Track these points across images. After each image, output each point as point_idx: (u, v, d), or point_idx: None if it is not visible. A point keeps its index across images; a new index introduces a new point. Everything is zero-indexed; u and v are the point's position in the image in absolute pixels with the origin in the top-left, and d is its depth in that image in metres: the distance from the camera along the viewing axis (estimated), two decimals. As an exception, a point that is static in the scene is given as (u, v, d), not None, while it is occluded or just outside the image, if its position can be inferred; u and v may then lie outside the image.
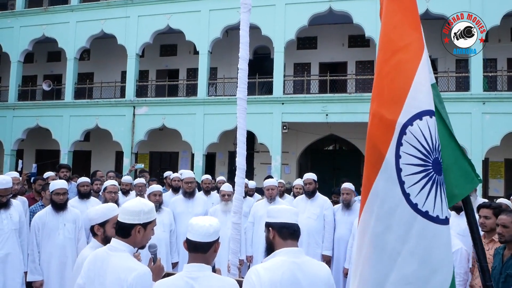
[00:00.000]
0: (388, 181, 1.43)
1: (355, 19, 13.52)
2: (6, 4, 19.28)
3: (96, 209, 2.72)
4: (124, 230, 2.27)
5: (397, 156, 1.47)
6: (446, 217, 1.55)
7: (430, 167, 1.50)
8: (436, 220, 1.48)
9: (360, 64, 16.35)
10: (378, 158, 1.43)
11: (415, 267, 1.42)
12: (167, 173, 8.16)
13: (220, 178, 7.24)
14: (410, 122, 1.50)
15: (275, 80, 14.30)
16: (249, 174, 15.32)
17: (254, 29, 12.96)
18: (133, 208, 2.29)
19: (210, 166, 16.54)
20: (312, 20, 14.05)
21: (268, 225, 2.31)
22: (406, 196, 1.45)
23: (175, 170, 13.82)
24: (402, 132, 1.49)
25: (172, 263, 5.22)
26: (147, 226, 2.31)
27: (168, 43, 18.15)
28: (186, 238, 2.18)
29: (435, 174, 1.51)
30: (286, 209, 2.37)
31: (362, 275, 1.42)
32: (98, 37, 16.77)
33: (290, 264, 2.15)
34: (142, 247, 2.35)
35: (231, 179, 10.22)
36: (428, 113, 1.52)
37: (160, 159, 18.41)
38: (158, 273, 2.40)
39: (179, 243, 5.34)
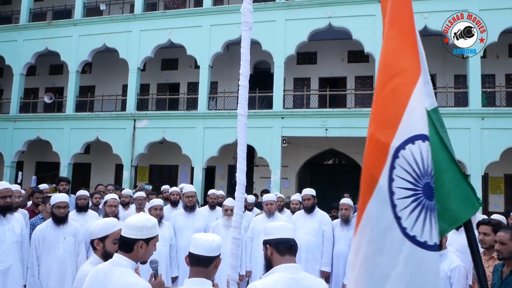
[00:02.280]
0: (381, 204, 1.46)
1: (354, 35, 13.68)
2: (11, 18, 19.52)
3: (97, 224, 2.73)
4: (127, 245, 2.29)
5: (390, 179, 1.49)
6: (435, 243, 1.53)
7: (421, 192, 1.51)
8: (424, 245, 1.48)
9: (360, 79, 16.49)
10: (372, 181, 1.46)
11: None
12: (165, 187, 8.17)
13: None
14: (403, 145, 1.52)
15: (275, 95, 14.40)
16: (249, 188, 15.32)
17: (255, 44, 13.10)
18: (136, 223, 2.32)
19: (209, 179, 16.55)
20: (312, 35, 14.21)
21: (265, 242, 2.35)
22: (398, 219, 1.46)
23: (174, 183, 13.83)
24: (395, 155, 1.52)
25: (171, 278, 5.21)
26: (150, 241, 2.33)
27: (169, 57, 18.33)
28: (189, 252, 2.20)
29: (425, 199, 1.51)
30: (282, 225, 2.43)
31: None
32: (100, 51, 16.95)
33: (288, 280, 2.17)
34: (144, 262, 2.37)
35: (230, 193, 10.27)
36: (421, 137, 1.54)
37: (160, 172, 18.43)
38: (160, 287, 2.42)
39: (179, 257, 5.34)
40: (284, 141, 14.30)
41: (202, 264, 2.15)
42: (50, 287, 4.23)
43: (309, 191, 5.63)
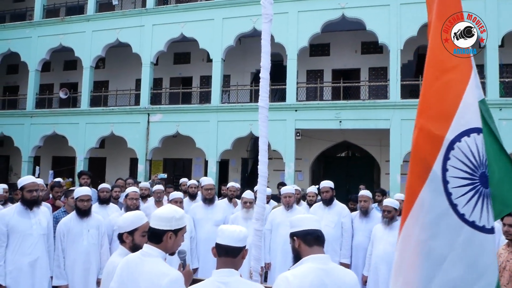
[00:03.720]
0: (435, 192, 1.51)
1: (368, 25, 13.55)
2: (25, 15, 19.72)
3: (125, 217, 2.77)
4: (156, 236, 2.33)
5: (444, 169, 1.58)
6: (492, 227, 1.67)
7: (477, 181, 1.63)
8: (482, 229, 1.62)
9: (373, 71, 16.35)
10: (425, 170, 1.51)
11: (461, 272, 1.54)
12: (183, 180, 8.24)
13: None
14: (458, 138, 1.62)
15: (288, 87, 14.36)
16: (262, 181, 15.28)
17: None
18: (165, 214, 2.35)
19: (223, 173, 16.62)
20: (325, 27, 14.11)
21: (292, 235, 2.36)
22: (454, 206, 1.56)
23: (188, 177, 13.92)
24: (450, 147, 1.60)
25: (192, 269, 5.26)
26: (178, 232, 2.37)
27: (182, 51, 18.37)
28: (216, 243, 2.23)
29: (481, 187, 1.63)
30: (308, 217, 2.45)
31: (405, 278, 1.50)
32: (113, 46, 17.05)
33: (318, 271, 2.19)
34: (172, 253, 2.41)
35: (243, 186, 10.31)
36: (476, 130, 1.65)
37: (174, 166, 18.56)
38: (188, 278, 2.46)
39: (199, 249, 5.40)
40: (298, 134, 14.28)
41: (230, 254, 2.19)
42: (75, 278, 4.32)
43: (328, 183, 5.63)
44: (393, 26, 13.14)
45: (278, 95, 15.35)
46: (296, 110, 14.24)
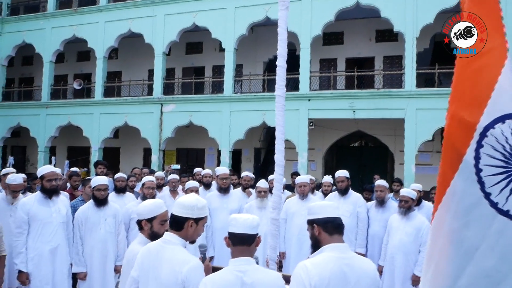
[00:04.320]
0: (467, 181, 1.48)
1: (383, 13, 13.33)
2: (38, 6, 19.84)
3: (145, 205, 2.79)
4: (177, 223, 2.35)
5: (477, 157, 1.53)
6: None
7: None
8: None
9: (388, 59, 16.13)
10: (457, 158, 1.47)
11: (494, 262, 1.49)
12: (197, 170, 8.28)
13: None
14: (491, 125, 1.56)
15: (301, 77, 14.26)
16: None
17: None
18: (188, 202, 2.37)
19: (236, 162, 16.65)
20: (338, 15, 13.92)
21: (311, 222, 2.32)
22: (487, 195, 1.52)
23: (201, 166, 13.98)
24: (483, 134, 1.55)
25: (208, 257, 5.30)
26: (199, 221, 2.39)
27: (194, 41, 18.33)
28: (229, 232, 2.23)
29: None
30: (328, 205, 2.42)
31: (437, 267, 1.48)
32: (126, 36, 17.08)
33: (337, 260, 2.17)
34: (192, 242, 2.42)
35: (256, 176, 10.28)
36: (511, 116, 1.58)
37: (187, 155, 18.65)
38: (207, 272, 2.47)
39: (214, 238, 5.43)
40: (311, 124, 14.21)
41: (246, 242, 2.19)
42: (93, 265, 4.39)
43: (343, 173, 5.60)
44: (408, 13, 12.91)
45: (291, 84, 15.26)
46: (309, 100, 14.15)
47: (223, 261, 5.11)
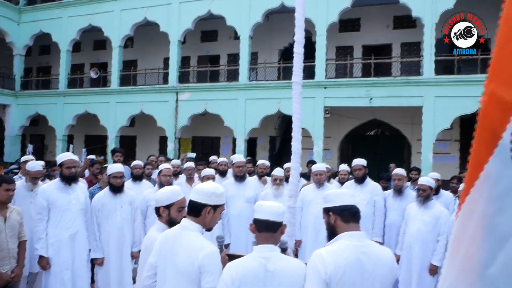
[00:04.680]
0: (503, 163, 1.40)
1: (401, -2, 13.06)
2: (55, -5, 19.99)
3: (163, 192, 2.80)
4: (195, 209, 2.35)
5: None
6: None
7: None
8: None
9: (406, 46, 15.83)
10: (493, 140, 1.39)
11: None
12: (213, 158, 8.29)
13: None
14: None
15: (317, 64, 14.12)
16: (290, 160, 15.19)
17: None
18: (206, 189, 2.37)
19: (251, 151, 16.66)
20: (355, 1, 13.68)
21: (327, 210, 2.28)
22: None
23: (216, 155, 14.01)
24: None
25: (224, 245, 5.33)
26: (217, 208, 2.38)
27: (209, 29, 18.26)
28: (254, 219, 2.22)
29: None
30: (344, 192, 2.38)
31: (467, 253, 1.41)
32: (141, 25, 17.12)
33: (354, 248, 2.14)
34: (209, 229, 2.42)
35: (271, 164, 10.26)
36: None
37: (202, 144, 18.72)
38: (223, 263, 2.47)
39: (230, 225, 5.46)
40: (327, 112, 14.09)
41: (270, 229, 2.17)
42: (110, 251, 4.45)
43: (360, 161, 5.54)
44: (429, -1, 12.62)
45: (306, 72, 15.09)
46: (325, 88, 14.01)
47: (239, 249, 5.14)
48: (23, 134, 19.90)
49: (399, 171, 5.41)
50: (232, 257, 2.75)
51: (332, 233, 2.27)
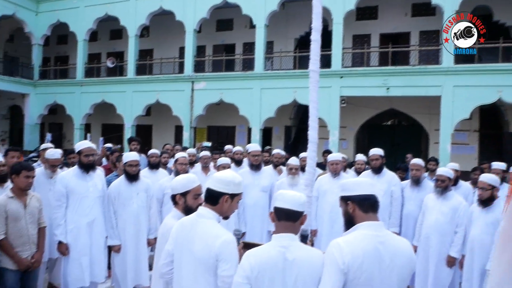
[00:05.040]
0: None
1: (420, -14, 12.78)
2: (71, -15, 20.11)
3: (179, 179, 2.81)
4: (213, 198, 2.35)
5: None
6: None
7: None
8: None
9: (424, 34, 15.50)
10: None
11: None
12: (228, 147, 8.30)
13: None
14: None
15: (334, 53, 13.95)
16: (306, 149, 15.07)
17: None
18: (224, 177, 2.37)
19: (266, 140, 16.64)
20: (373, -12, 13.45)
21: (346, 198, 2.23)
22: None
23: (232, 144, 14.02)
24: None
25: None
26: (235, 197, 2.37)
27: (225, 17, 18.18)
28: (275, 207, 2.20)
29: None
30: (364, 181, 2.30)
31: None
32: (157, 14, 17.12)
33: (371, 238, 2.11)
34: (226, 218, 2.41)
35: (286, 154, 10.23)
36: None
37: (218, 133, 18.76)
38: (239, 257, 2.47)
39: (246, 214, 5.47)
40: (343, 101, 13.95)
41: (290, 218, 2.15)
42: (127, 238, 4.50)
43: (377, 151, 5.47)
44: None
45: (322, 61, 14.90)
46: (341, 77, 13.86)
47: (254, 238, 5.15)
48: (41, 123, 20.24)
49: (417, 161, 5.33)
50: (248, 245, 2.75)
51: (349, 222, 2.23)
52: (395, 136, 16.73)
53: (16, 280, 3.72)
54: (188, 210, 2.73)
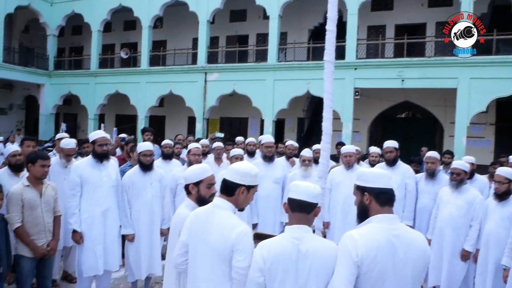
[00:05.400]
0: None
1: (437, -25, 12.52)
2: (86, -25, 20.18)
3: (191, 169, 2.80)
4: (229, 189, 2.34)
5: None
6: None
7: None
8: None
9: (441, 26, 15.12)
10: None
11: None
12: (238, 139, 8.31)
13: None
14: None
15: (348, 44, 13.80)
16: (319, 141, 14.97)
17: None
18: (241, 169, 2.35)
19: (279, 132, 16.60)
20: (389, -22, 13.23)
21: (363, 189, 2.19)
22: None
23: (244, 135, 14.03)
24: None
25: (252, 225, 5.36)
26: (251, 189, 2.36)
27: (238, 8, 18.09)
28: (289, 198, 2.18)
29: None
30: (383, 174, 2.25)
31: None
32: (170, 5, 17.11)
33: (386, 231, 2.08)
34: (241, 209, 2.40)
35: (299, 146, 10.22)
36: None
37: (230, 124, 18.77)
38: None
39: (258, 205, 5.46)
40: (357, 93, 13.82)
41: (304, 210, 2.13)
42: (141, 228, 4.53)
43: (392, 143, 5.40)
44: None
45: (336, 52, 14.77)
46: (355, 69, 13.72)
47: (266, 229, 5.14)
48: (56, 113, 20.48)
49: (432, 154, 5.26)
50: (261, 236, 2.74)
51: (363, 213, 2.21)
52: (409, 129, 16.55)
53: (32, 268, 3.79)
54: (201, 200, 2.73)
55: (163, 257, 3.47)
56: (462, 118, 12.36)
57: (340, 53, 14.38)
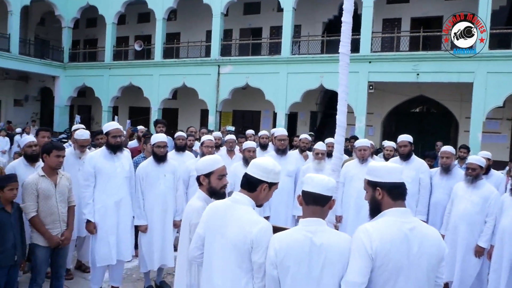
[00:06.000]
0: None
1: (455, -33, 12.27)
2: (101, -32, 20.26)
3: (203, 161, 2.79)
4: (251, 184, 2.30)
5: None
6: None
7: None
8: None
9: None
10: None
11: None
12: (249, 132, 8.31)
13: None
14: None
15: (363, 37, 13.65)
16: (332, 135, 14.86)
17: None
18: (265, 165, 2.30)
19: (291, 125, 16.54)
20: (405, -30, 13.01)
21: (375, 184, 2.18)
22: None
23: (257, 129, 14.02)
24: None
25: (264, 217, 5.36)
26: (272, 186, 2.33)
27: (252, 1, 18.01)
28: (303, 191, 2.16)
29: None
30: (394, 168, 2.22)
31: None
32: (184, -3, 17.11)
33: (400, 225, 2.06)
34: (260, 206, 2.38)
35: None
36: None
37: (243, 117, 18.77)
38: None
39: (271, 198, 5.44)
40: (371, 87, 13.68)
41: (318, 203, 2.10)
42: (154, 219, 4.56)
43: (406, 138, 5.34)
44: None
45: (351, 45, 14.60)
46: (370, 62, 13.57)
47: (278, 223, 5.13)
48: (71, 105, 20.71)
49: (447, 148, 5.18)
50: (275, 229, 2.72)
51: (376, 208, 2.19)
52: (423, 124, 16.36)
53: (47, 257, 3.84)
54: (212, 191, 2.73)
55: (176, 248, 3.48)
56: (478, 113, 12.16)
57: (354, 46, 14.20)
